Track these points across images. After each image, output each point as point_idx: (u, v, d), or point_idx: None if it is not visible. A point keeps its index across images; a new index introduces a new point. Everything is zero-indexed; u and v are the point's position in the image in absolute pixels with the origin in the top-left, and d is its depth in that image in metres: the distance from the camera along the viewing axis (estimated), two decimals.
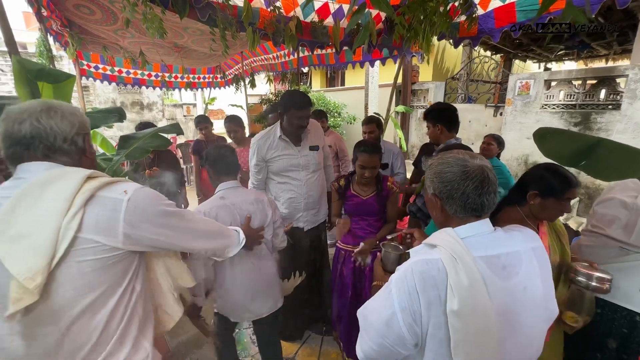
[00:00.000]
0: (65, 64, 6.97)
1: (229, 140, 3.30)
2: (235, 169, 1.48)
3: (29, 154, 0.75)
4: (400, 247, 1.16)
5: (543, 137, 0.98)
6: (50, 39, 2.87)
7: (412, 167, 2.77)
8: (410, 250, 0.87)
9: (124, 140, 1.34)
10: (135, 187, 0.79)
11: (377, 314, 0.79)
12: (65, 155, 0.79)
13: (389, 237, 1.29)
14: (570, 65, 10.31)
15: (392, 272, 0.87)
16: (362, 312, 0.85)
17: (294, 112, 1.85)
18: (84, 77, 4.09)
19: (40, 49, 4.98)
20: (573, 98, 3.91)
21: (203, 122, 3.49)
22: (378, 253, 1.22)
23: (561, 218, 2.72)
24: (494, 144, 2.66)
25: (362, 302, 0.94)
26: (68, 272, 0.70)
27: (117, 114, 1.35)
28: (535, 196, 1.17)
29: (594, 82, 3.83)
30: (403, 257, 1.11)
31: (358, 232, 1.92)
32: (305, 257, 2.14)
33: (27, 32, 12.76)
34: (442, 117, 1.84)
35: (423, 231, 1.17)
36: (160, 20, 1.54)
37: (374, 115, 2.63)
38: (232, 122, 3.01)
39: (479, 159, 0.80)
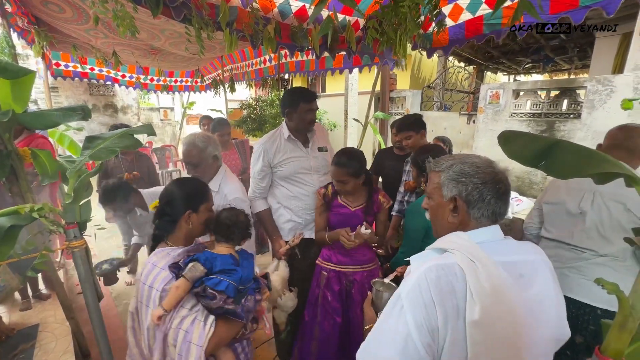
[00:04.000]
0: (32, 64, 6.60)
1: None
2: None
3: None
4: (394, 285, 1.02)
5: (507, 139, 1.02)
6: (14, 36, 2.71)
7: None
8: (411, 258, 0.76)
9: (90, 140, 1.27)
10: None
11: (387, 345, 0.63)
12: None
13: (385, 280, 1.12)
14: (537, 78, 10.97)
15: None
16: (365, 352, 0.67)
17: (303, 106, 1.79)
18: (52, 76, 3.89)
19: (2, 45, 4.70)
20: (539, 107, 4.16)
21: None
22: (369, 292, 1.08)
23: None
24: (440, 145, 2.80)
25: (352, 328, 0.86)
26: None
27: (80, 112, 1.27)
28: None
29: (557, 93, 4.09)
30: None
31: (343, 250, 1.70)
32: (308, 269, 1.97)
33: None
34: (422, 124, 2.27)
35: None
36: (131, 17, 1.50)
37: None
38: (226, 125, 3.04)
39: (497, 163, 0.78)
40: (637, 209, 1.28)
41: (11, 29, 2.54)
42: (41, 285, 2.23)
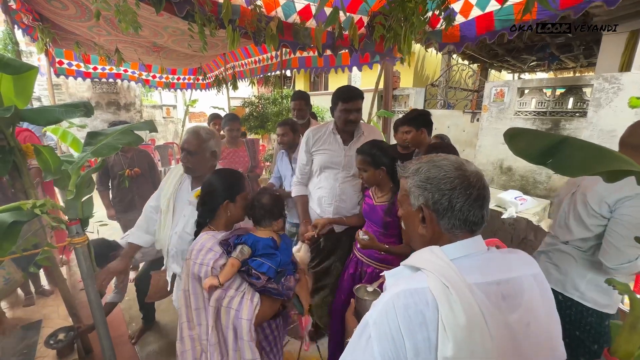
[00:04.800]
0: (35, 61, 6.63)
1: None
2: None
3: None
4: (380, 291, 0.89)
5: (513, 137, 0.99)
6: (19, 33, 2.72)
7: None
8: (385, 273, 0.70)
9: (92, 136, 1.26)
10: None
11: None
12: None
13: (369, 288, 1.01)
14: (541, 76, 10.88)
15: None
16: None
17: (340, 105, 1.84)
18: (56, 74, 3.91)
19: (5, 42, 4.71)
20: (544, 105, 4.11)
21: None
22: (352, 299, 0.97)
23: (534, 219, 2.82)
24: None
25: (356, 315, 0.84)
26: None
27: (82, 108, 1.27)
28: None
29: (562, 91, 4.04)
30: None
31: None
32: (329, 260, 2.03)
33: None
34: (426, 122, 2.08)
35: None
36: (134, 13, 1.49)
37: (289, 118, 2.61)
38: (235, 120, 3.01)
39: (470, 163, 0.70)
40: (593, 200, 1.32)
41: (15, 26, 2.54)
42: (44, 282, 2.24)
